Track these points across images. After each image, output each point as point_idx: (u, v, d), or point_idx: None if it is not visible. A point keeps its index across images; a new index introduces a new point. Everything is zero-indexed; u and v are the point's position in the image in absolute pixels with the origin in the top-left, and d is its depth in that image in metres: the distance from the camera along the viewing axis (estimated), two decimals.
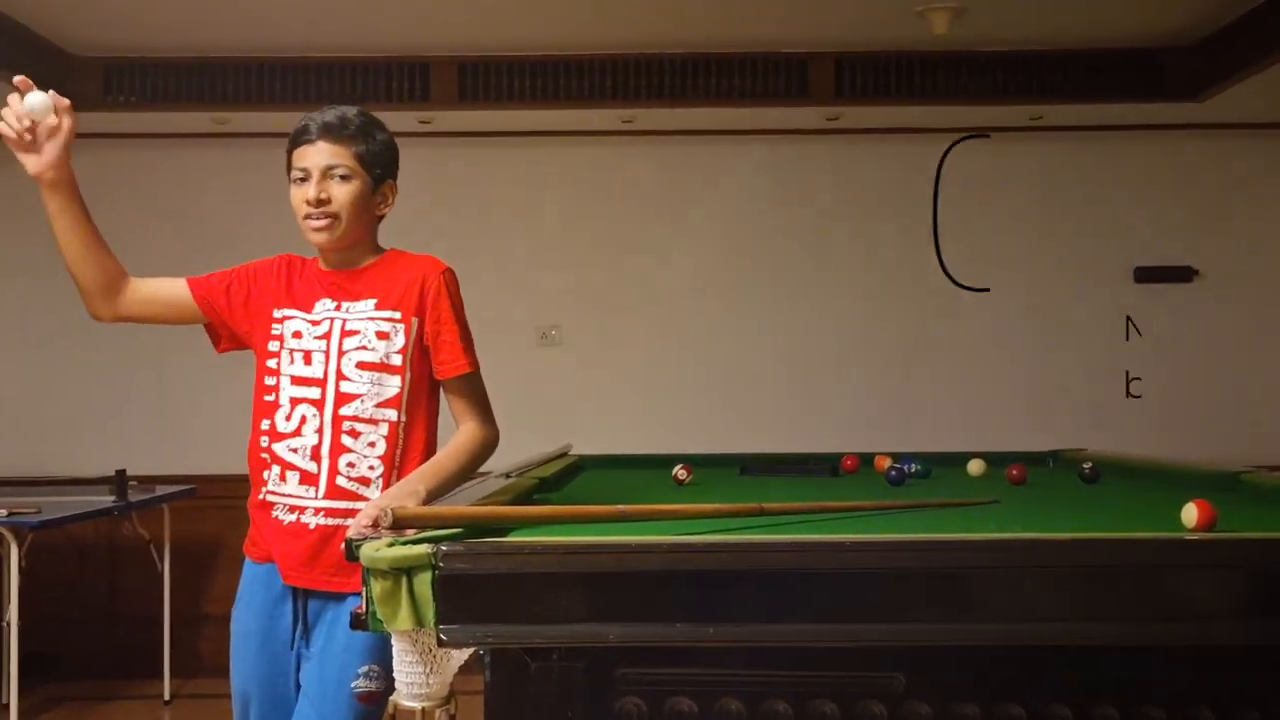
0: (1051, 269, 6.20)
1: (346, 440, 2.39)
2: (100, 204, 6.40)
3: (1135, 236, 6.20)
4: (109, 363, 6.07)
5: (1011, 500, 2.75)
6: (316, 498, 2.39)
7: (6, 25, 4.95)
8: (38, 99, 2.25)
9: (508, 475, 3.00)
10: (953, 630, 1.65)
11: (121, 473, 5.04)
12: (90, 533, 5.85)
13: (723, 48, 5.51)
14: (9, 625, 4.48)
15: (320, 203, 2.40)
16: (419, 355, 2.45)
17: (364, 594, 1.62)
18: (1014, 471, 3.24)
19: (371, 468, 2.41)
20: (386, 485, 2.40)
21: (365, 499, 2.35)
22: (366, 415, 2.40)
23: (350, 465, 2.40)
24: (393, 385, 2.41)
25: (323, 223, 2.41)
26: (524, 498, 2.58)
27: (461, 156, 6.14)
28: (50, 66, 5.33)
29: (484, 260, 6.09)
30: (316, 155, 2.41)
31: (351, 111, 2.47)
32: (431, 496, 2.23)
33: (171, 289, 2.56)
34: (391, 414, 2.41)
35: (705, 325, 6.18)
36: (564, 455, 3.96)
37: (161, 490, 5.28)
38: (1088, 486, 3.18)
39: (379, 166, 2.48)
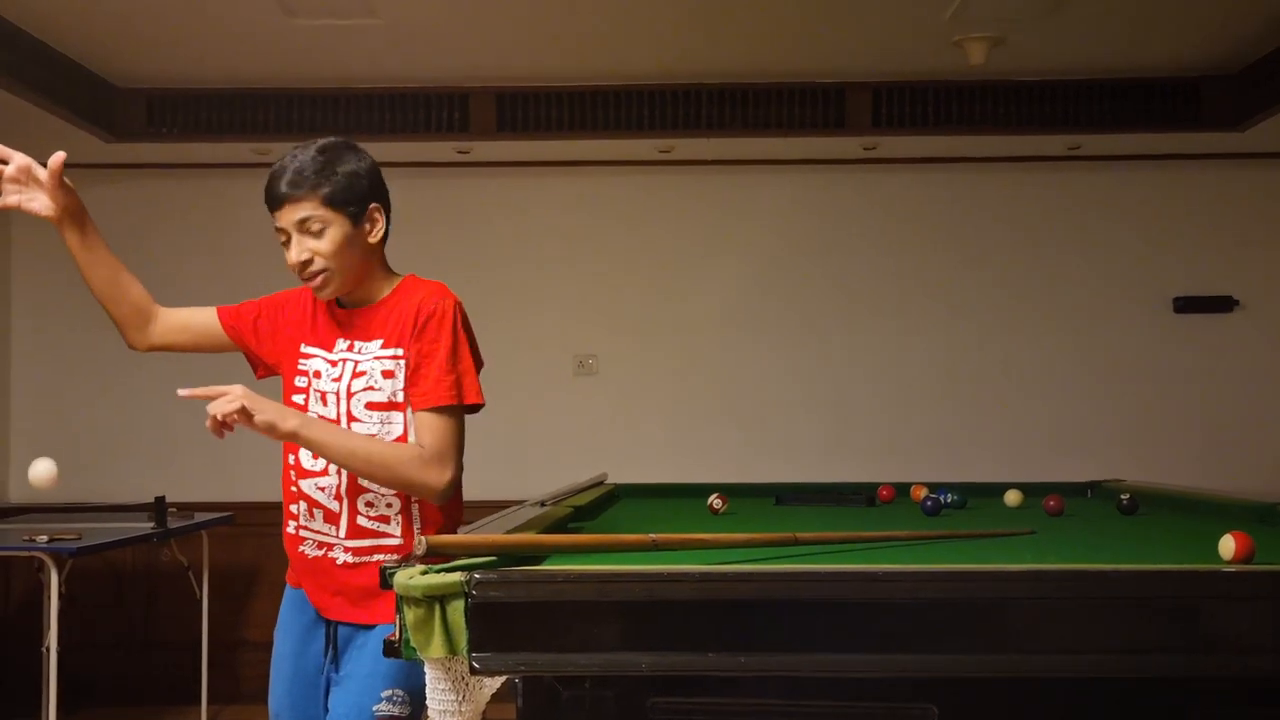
0: (1090, 299, 6.16)
1: (364, 481, 2.40)
2: (143, 233, 6.54)
3: (1175, 266, 6.16)
4: (149, 391, 6.13)
5: (1048, 531, 2.73)
6: (340, 537, 2.41)
7: (54, 58, 5.04)
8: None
9: (542, 504, 3.01)
10: (986, 661, 1.64)
11: (161, 499, 5.07)
12: (129, 559, 5.90)
13: (760, 78, 5.53)
14: (49, 650, 4.52)
15: (305, 264, 2.38)
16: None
17: (397, 621, 1.63)
18: (1051, 502, 3.22)
19: (389, 505, 2.41)
20: (406, 522, 2.41)
21: (388, 535, 2.38)
22: None
23: (369, 505, 2.41)
24: (398, 423, 2.40)
25: (317, 281, 2.40)
26: (559, 526, 2.58)
27: (499, 187, 6.18)
28: (95, 98, 5.42)
29: (521, 290, 6.12)
30: (288, 215, 2.38)
31: (307, 155, 2.40)
32: (306, 441, 2.30)
33: (203, 318, 2.60)
34: None
35: (742, 355, 6.18)
36: (600, 484, 3.97)
37: (200, 517, 5.31)
38: (1125, 518, 3.16)
39: (352, 202, 2.41)
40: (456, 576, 1.60)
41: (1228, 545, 1.90)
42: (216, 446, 6.03)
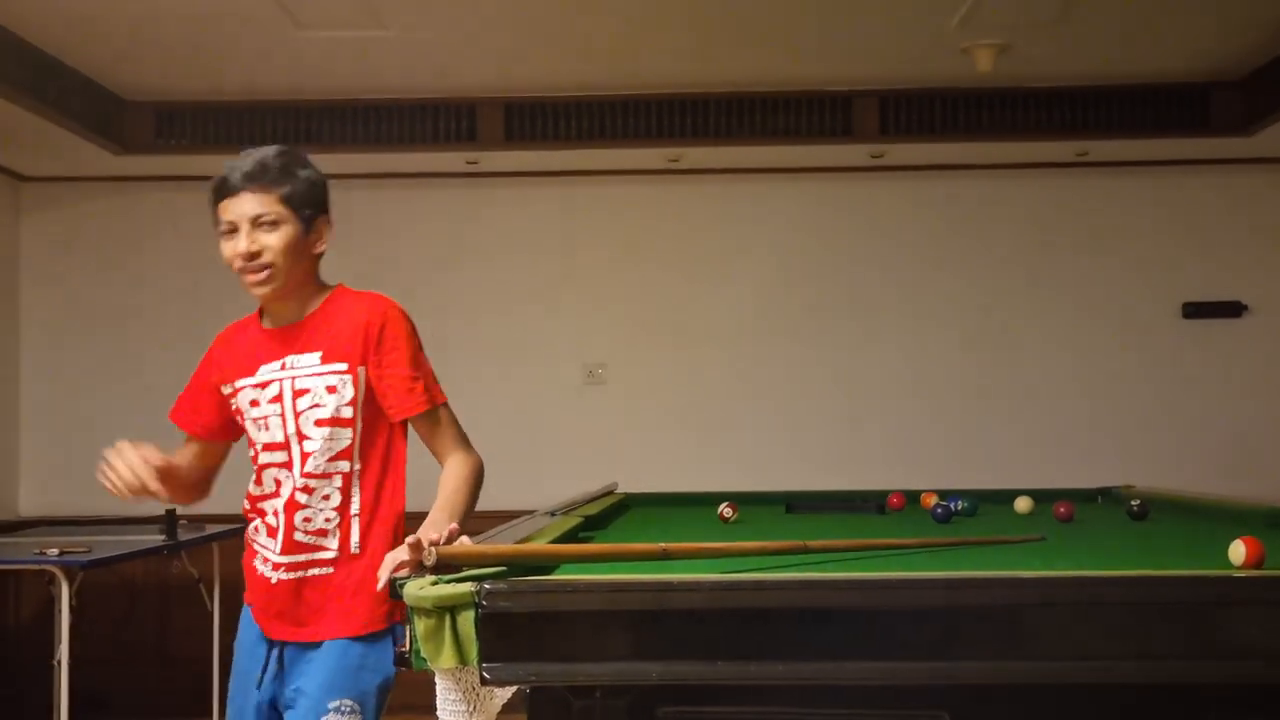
0: (1099, 305, 6.15)
1: (300, 497, 2.40)
2: (152, 245, 6.55)
3: (1183, 272, 6.14)
4: (158, 404, 6.13)
5: (1058, 537, 2.73)
6: (276, 552, 2.42)
7: (62, 71, 5.06)
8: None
9: (553, 513, 3.01)
10: (998, 668, 1.63)
11: (171, 512, 5.08)
12: (140, 572, 5.91)
13: (768, 87, 5.54)
14: (60, 663, 4.53)
15: (253, 255, 2.36)
16: (369, 403, 2.41)
17: (407, 632, 1.63)
18: (1061, 509, 3.22)
19: (328, 519, 2.41)
20: (345, 534, 2.40)
21: (324, 548, 2.38)
22: (320, 470, 2.39)
23: (306, 520, 2.42)
24: (345, 438, 2.40)
25: (260, 275, 2.37)
26: (569, 536, 2.58)
27: (508, 197, 6.19)
28: (104, 111, 5.44)
29: (530, 299, 6.13)
30: (242, 205, 2.36)
31: (270, 153, 2.40)
32: (461, 529, 2.25)
33: (192, 449, 2.65)
34: (344, 465, 2.40)
35: (751, 363, 6.18)
36: (610, 493, 3.97)
37: (211, 529, 5.32)
38: (1135, 524, 3.15)
39: (308, 206, 2.41)
40: (467, 587, 1.60)
41: (1238, 550, 1.90)
42: (228, 459, 6.08)
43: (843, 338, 6.18)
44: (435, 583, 1.63)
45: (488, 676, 1.59)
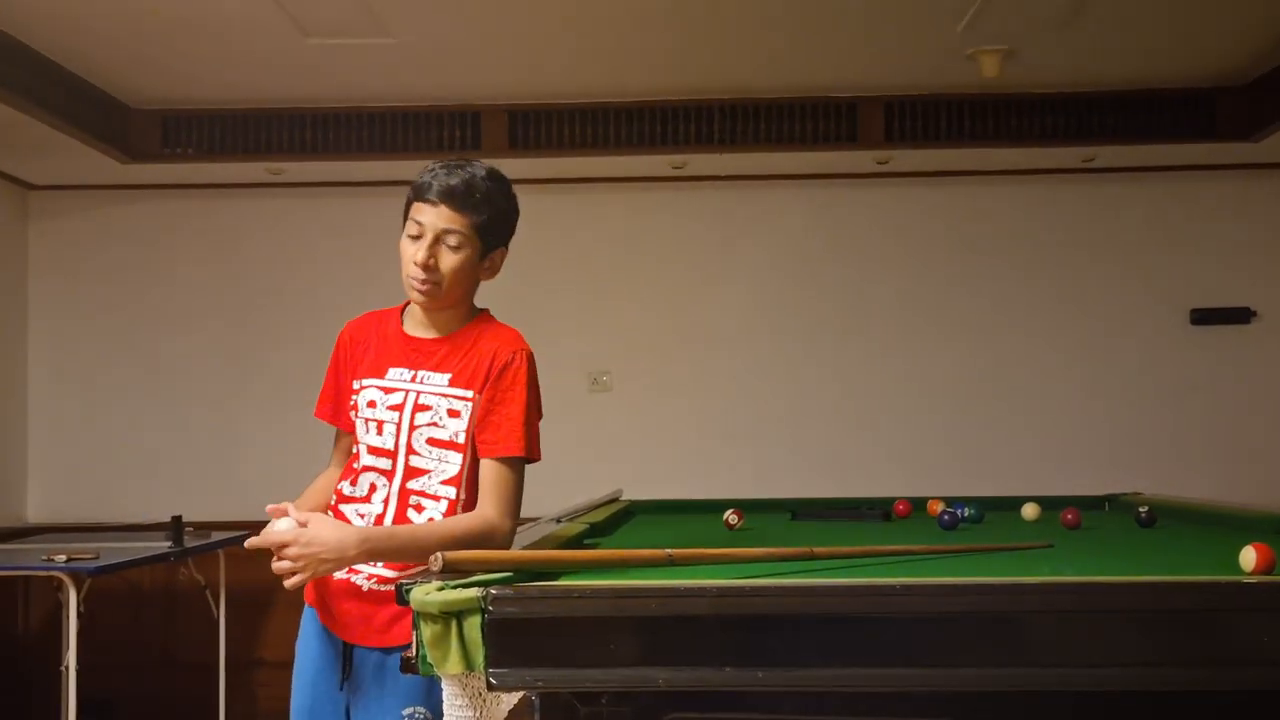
0: (1106, 311, 6.14)
1: (411, 514, 2.39)
2: (159, 253, 6.55)
3: (1191, 278, 6.13)
4: (165, 411, 6.15)
5: (1066, 544, 2.72)
6: (373, 564, 2.38)
7: (69, 79, 5.07)
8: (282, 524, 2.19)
9: (558, 520, 3.01)
10: (1004, 675, 1.63)
11: (178, 519, 5.08)
12: (147, 578, 5.91)
13: (772, 93, 5.54)
14: (68, 669, 4.53)
15: (427, 267, 2.37)
16: (476, 432, 2.41)
17: (414, 638, 1.63)
18: (1068, 516, 3.21)
19: None
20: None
21: (422, 565, 2.36)
22: (431, 491, 2.40)
23: None
24: (455, 463, 2.39)
25: (424, 287, 2.39)
26: (574, 543, 2.58)
27: None
28: (111, 119, 5.45)
29: (534, 307, 6.11)
30: (434, 217, 2.37)
31: (480, 175, 2.42)
32: (373, 559, 2.25)
33: (345, 444, 2.55)
34: (451, 491, 2.40)
35: (756, 371, 6.17)
36: (615, 500, 3.97)
37: (217, 536, 5.32)
38: (1144, 530, 3.14)
39: (493, 236, 2.45)
40: (473, 592, 1.60)
41: (1248, 557, 1.89)
42: (232, 466, 6.11)
43: (848, 345, 6.17)
44: (442, 588, 1.63)
45: (494, 682, 1.59)
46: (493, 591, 1.61)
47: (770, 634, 1.61)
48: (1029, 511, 3.51)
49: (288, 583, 2.15)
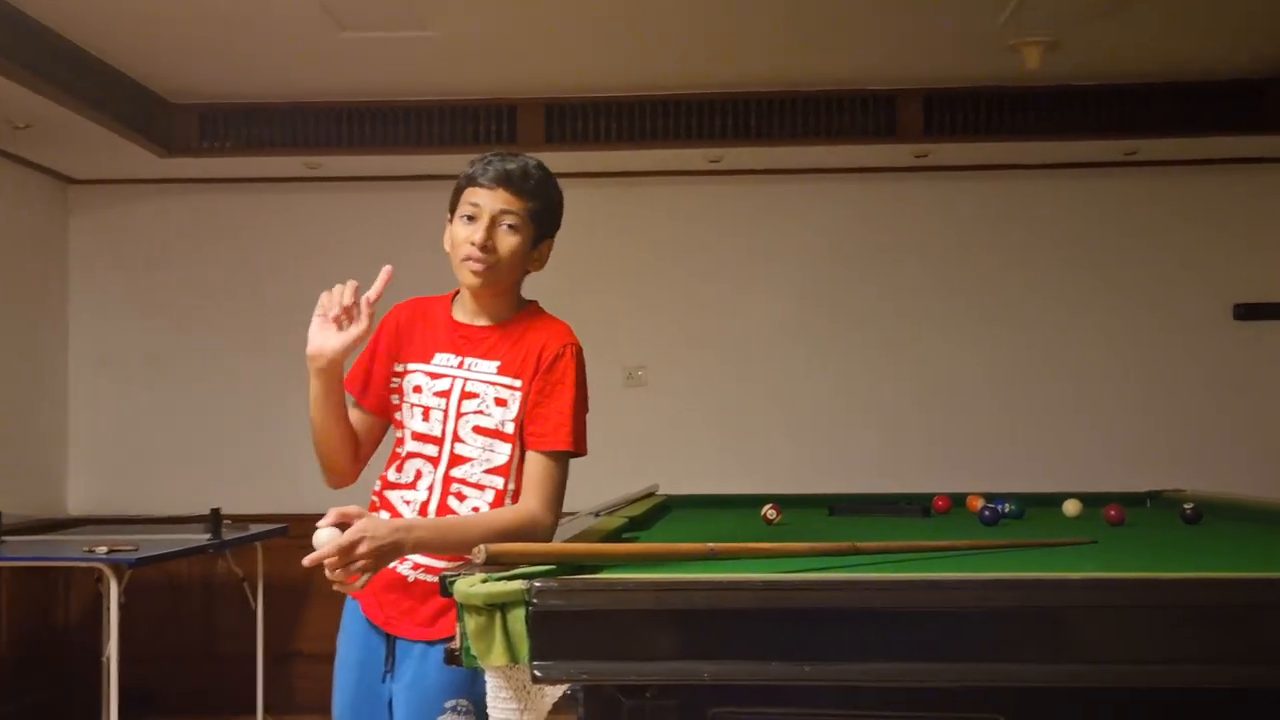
0: (1149, 306, 6.08)
1: (453, 502, 2.38)
2: (197, 248, 6.60)
3: (1235, 273, 6.06)
4: (204, 404, 6.19)
5: (1110, 541, 2.69)
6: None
7: (108, 73, 5.11)
8: (326, 534, 2.10)
9: (596, 514, 3.00)
10: (1054, 671, 1.61)
11: (216, 511, 5.11)
12: (185, 570, 5.95)
13: (810, 86, 5.51)
14: (109, 660, 4.56)
15: (485, 247, 2.37)
16: (524, 424, 2.39)
17: (458, 630, 1.62)
18: (1112, 512, 3.16)
19: None
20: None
21: (466, 557, 2.35)
22: (474, 480, 2.39)
23: None
24: (503, 453, 2.38)
25: (479, 266, 2.38)
26: (613, 537, 2.57)
27: None
28: (150, 113, 5.48)
29: (569, 301, 6.06)
30: (491, 200, 2.38)
31: (533, 164, 2.45)
32: (420, 550, 2.20)
33: (358, 419, 2.49)
34: (498, 481, 2.38)
35: (792, 365, 6.15)
36: (651, 495, 3.96)
37: (255, 529, 5.35)
38: (1189, 527, 3.10)
39: (544, 225, 2.47)
40: (517, 585, 1.59)
41: None
42: (270, 459, 6.14)
43: (885, 340, 6.13)
44: (486, 580, 1.62)
45: (538, 674, 1.58)
46: (537, 584, 1.60)
47: (817, 628, 1.59)
48: (1070, 508, 3.46)
49: (355, 584, 2.12)
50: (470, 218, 2.40)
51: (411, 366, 2.46)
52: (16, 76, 4.49)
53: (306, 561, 2.07)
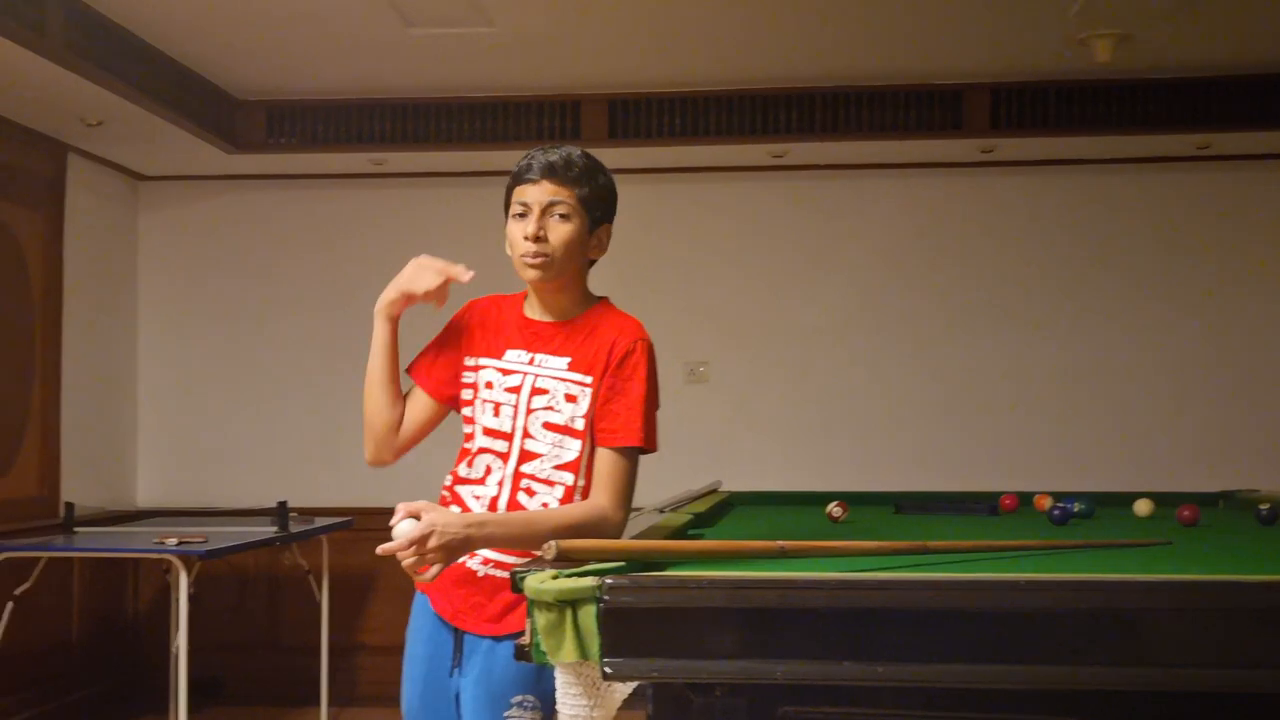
0: (1219, 303, 5.97)
1: (522, 498, 2.39)
2: (264, 244, 6.66)
3: None
4: (271, 398, 6.26)
5: (1185, 542, 2.64)
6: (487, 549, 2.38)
7: (177, 70, 5.18)
8: (405, 526, 2.15)
9: (661, 511, 2.99)
10: (1133, 674, 1.58)
11: (283, 504, 5.17)
12: (252, 562, 6.03)
13: (874, 80, 5.46)
14: (178, 650, 4.63)
15: (537, 239, 2.39)
16: (595, 420, 2.40)
17: (528, 626, 1.62)
18: (1185, 512, 3.11)
19: None
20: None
21: (532, 555, 2.35)
22: (544, 476, 2.39)
23: None
24: (573, 449, 2.39)
25: (536, 260, 2.39)
26: (679, 534, 2.56)
27: None
28: (217, 110, 5.55)
29: (632, 296, 6.05)
30: (539, 193, 2.40)
31: (576, 153, 2.46)
32: (491, 545, 2.22)
33: (420, 407, 2.52)
34: (568, 478, 2.38)
35: (854, 362, 6.10)
36: (714, 492, 3.94)
37: (320, 522, 5.40)
38: (1265, 528, 3.04)
39: (598, 210, 2.47)
40: (588, 581, 1.59)
41: None
42: (336, 453, 6.19)
43: (949, 337, 6.07)
44: (556, 576, 1.62)
45: (609, 671, 1.57)
46: (608, 581, 1.59)
47: (891, 628, 1.57)
48: (1142, 507, 3.41)
49: (427, 575, 2.14)
50: (521, 215, 2.42)
51: (484, 362, 2.48)
52: (90, 74, 4.56)
53: (380, 550, 2.11)
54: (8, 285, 5.26)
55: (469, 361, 2.49)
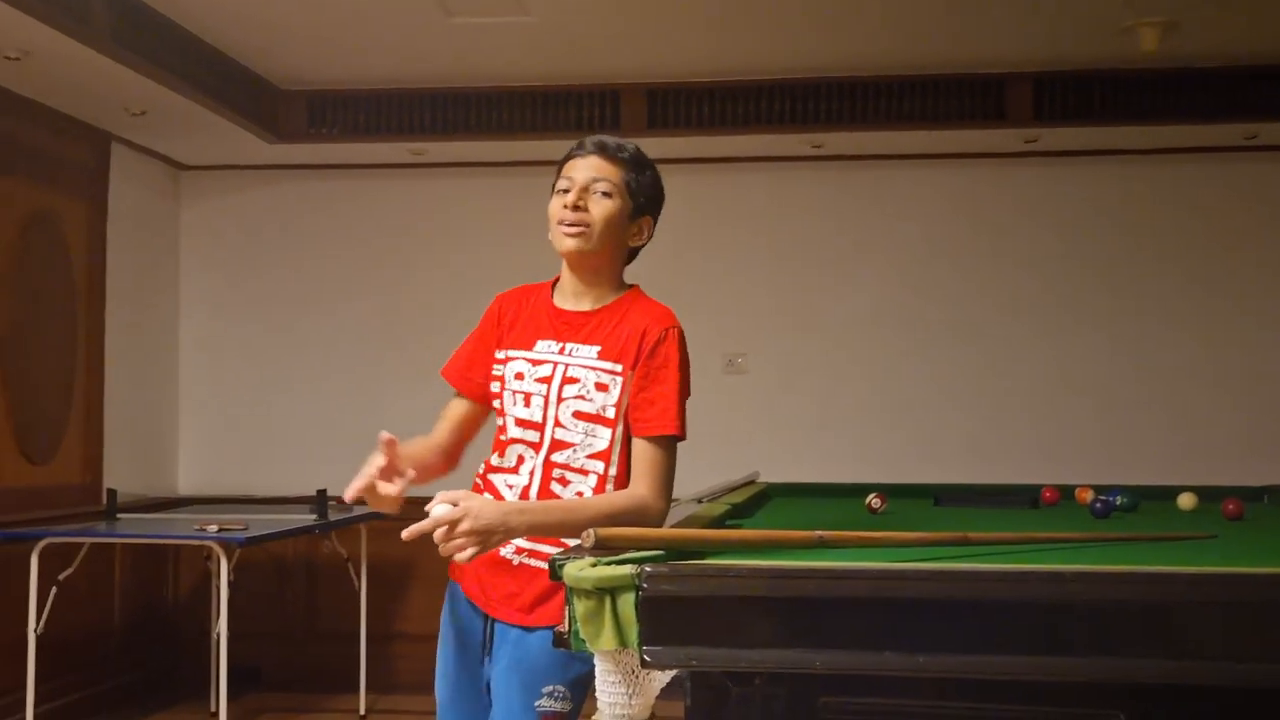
0: (1268, 294, 5.89)
1: (555, 487, 2.38)
2: (304, 233, 6.69)
3: None
4: (310, 387, 6.29)
5: (1231, 535, 2.61)
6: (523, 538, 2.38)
7: (219, 59, 5.20)
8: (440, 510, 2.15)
9: (698, 501, 2.99)
10: (1178, 668, 1.55)
11: (322, 492, 5.20)
12: (291, 550, 6.07)
13: (914, 69, 5.42)
14: (219, 637, 4.66)
15: (576, 208, 2.39)
16: (629, 410, 2.39)
17: (566, 613, 1.62)
18: (1230, 506, 3.07)
19: None
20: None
21: (563, 545, 2.35)
22: (577, 465, 2.39)
23: None
24: (604, 437, 2.38)
25: (574, 230, 2.39)
26: (716, 523, 2.55)
27: None
28: (259, 100, 5.58)
29: (669, 287, 6.04)
30: (584, 168, 2.41)
31: (631, 143, 2.48)
32: (533, 533, 2.22)
33: (456, 408, 2.55)
34: (599, 466, 2.38)
35: (893, 353, 6.07)
36: (752, 483, 3.93)
37: (359, 511, 5.42)
38: None
39: (642, 198, 2.46)
40: (627, 569, 1.58)
41: None
42: (373, 440, 6.20)
43: (990, 329, 6.03)
44: (595, 564, 1.61)
45: (648, 659, 1.57)
46: (647, 569, 1.59)
47: (932, 619, 1.55)
48: (1185, 501, 3.37)
49: (460, 556, 2.14)
50: (565, 189, 2.41)
51: (513, 354, 2.47)
52: (134, 64, 4.60)
53: (405, 534, 2.10)
54: (52, 273, 5.31)
55: (499, 355, 2.49)
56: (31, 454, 5.11)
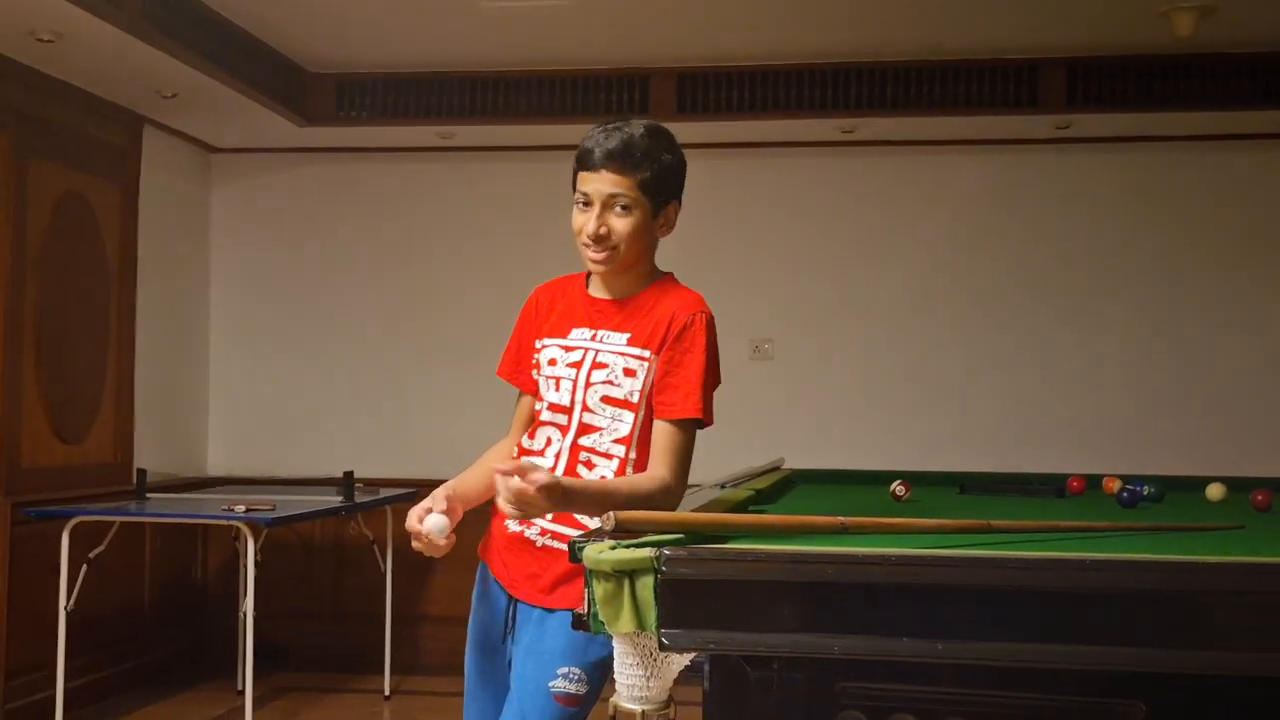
0: None
1: (581, 470, 2.40)
2: (333, 216, 6.71)
3: None
4: (339, 370, 6.32)
5: (1259, 526, 2.59)
6: (547, 517, 2.39)
7: (249, 42, 5.22)
8: (436, 522, 2.21)
9: (722, 486, 2.99)
10: (1200, 658, 1.55)
11: (349, 474, 5.22)
12: (318, 531, 6.10)
13: (947, 55, 5.38)
14: (246, 616, 4.70)
15: (600, 237, 2.38)
16: (653, 393, 2.41)
17: (585, 595, 1.62)
18: (1259, 496, 3.05)
19: None
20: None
21: (585, 528, 2.36)
22: (603, 449, 2.40)
23: None
24: (628, 422, 2.39)
25: (600, 255, 2.39)
26: (740, 508, 2.55)
27: None
28: (288, 83, 5.60)
29: (697, 272, 6.03)
30: (599, 184, 2.38)
31: (637, 133, 2.40)
32: (569, 501, 2.20)
33: (525, 407, 2.56)
34: (621, 450, 2.40)
35: (920, 341, 6.04)
36: (776, 469, 3.93)
37: (386, 493, 5.45)
38: None
39: (662, 192, 2.44)
40: (646, 552, 1.59)
41: None
42: (402, 425, 6.25)
43: (1018, 316, 5.99)
44: (614, 547, 1.61)
45: (666, 642, 1.57)
46: (666, 552, 1.59)
47: (952, 606, 1.55)
48: (1214, 491, 3.35)
49: (511, 515, 2.16)
50: (584, 205, 2.40)
51: (548, 342, 2.49)
52: (165, 46, 4.62)
53: (499, 468, 2.11)
54: (84, 255, 5.35)
55: (537, 344, 2.52)
56: (64, 433, 5.16)
